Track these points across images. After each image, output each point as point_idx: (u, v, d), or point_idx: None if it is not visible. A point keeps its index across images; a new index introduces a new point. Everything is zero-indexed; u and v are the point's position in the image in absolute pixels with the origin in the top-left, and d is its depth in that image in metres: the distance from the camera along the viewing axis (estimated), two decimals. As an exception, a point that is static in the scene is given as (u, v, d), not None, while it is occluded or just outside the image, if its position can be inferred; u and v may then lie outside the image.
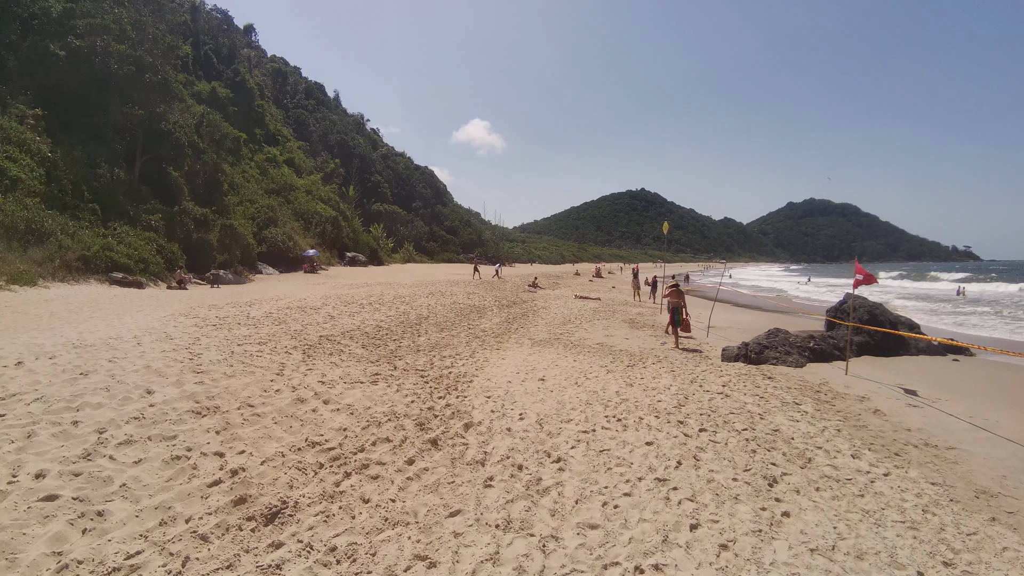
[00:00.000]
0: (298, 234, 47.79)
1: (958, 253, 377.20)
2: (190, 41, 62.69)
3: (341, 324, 13.59)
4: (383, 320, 14.92)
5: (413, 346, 11.20)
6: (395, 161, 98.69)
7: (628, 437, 5.84)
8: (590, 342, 13.22)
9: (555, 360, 10.42)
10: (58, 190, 25.59)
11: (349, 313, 15.93)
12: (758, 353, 10.48)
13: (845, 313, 13.50)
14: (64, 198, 25.71)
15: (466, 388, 7.49)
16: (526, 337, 13.70)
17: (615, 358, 10.88)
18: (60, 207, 24.88)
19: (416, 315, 16.48)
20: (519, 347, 12.14)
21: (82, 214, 26.11)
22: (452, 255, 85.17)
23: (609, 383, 8.32)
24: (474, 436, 5.67)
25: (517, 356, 10.82)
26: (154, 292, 21.69)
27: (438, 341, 12.14)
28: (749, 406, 7.33)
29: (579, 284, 40.16)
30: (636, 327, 16.40)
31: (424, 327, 14.28)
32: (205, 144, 39.26)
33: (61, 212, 24.65)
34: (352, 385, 7.15)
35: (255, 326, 12.31)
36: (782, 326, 18.49)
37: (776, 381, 8.97)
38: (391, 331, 13.09)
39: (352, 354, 9.58)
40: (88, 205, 26.81)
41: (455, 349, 11.26)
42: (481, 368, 9.28)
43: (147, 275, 25.03)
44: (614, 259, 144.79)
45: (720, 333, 16.30)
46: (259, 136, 62.79)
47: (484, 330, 14.52)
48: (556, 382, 8.30)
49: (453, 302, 20.45)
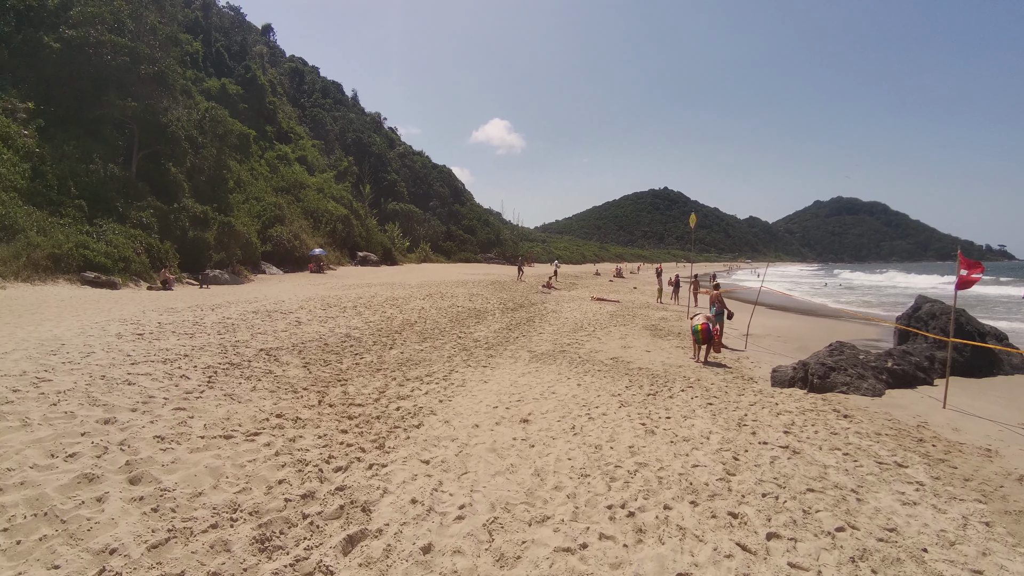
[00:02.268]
0: (306, 233, 46.02)
1: (992, 252, 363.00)
2: (200, 38, 61.62)
3: (302, 333, 11.34)
4: (358, 327, 12.65)
5: (375, 363, 8.87)
6: (412, 160, 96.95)
7: (646, 558, 3.36)
8: (603, 355, 10.74)
9: (553, 384, 7.99)
10: (43, 186, 24.21)
11: (323, 318, 13.71)
12: (823, 377, 7.89)
13: (921, 321, 10.80)
14: (49, 194, 24.32)
15: (403, 442, 5.02)
16: (525, 349, 11.28)
17: (632, 380, 8.40)
18: (43, 203, 23.44)
19: (401, 320, 14.19)
20: (513, 363, 9.73)
21: (66, 210, 24.69)
22: (469, 255, 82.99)
23: (620, 428, 5.84)
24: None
25: (506, 377, 8.42)
26: (128, 293, 19.78)
27: (412, 355, 9.79)
28: (833, 473, 4.80)
29: (598, 285, 37.55)
30: (659, 335, 13.86)
31: (404, 336, 11.96)
32: (209, 140, 37.70)
33: (43, 208, 23.19)
34: (210, 444, 4.63)
35: (193, 336, 10.14)
36: (829, 333, 15.79)
37: (857, 422, 6.40)
38: (359, 341, 10.79)
39: (278, 378, 7.27)
40: (74, 201, 25.39)
41: (429, 367, 8.90)
42: (449, 399, 6.89)
43: (127, 275, 23.31)
44: (636, 259, 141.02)
45: (759, 343, 13.69)
46: (270, 133, 61.36)
47: (477, 339, 12.14)
48: (545, 425, 5.85)
49: (451, 305, 18.11)
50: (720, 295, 13.43)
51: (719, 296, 13.38)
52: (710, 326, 10.85)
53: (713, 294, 13.49)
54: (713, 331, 11.52)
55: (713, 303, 13.37)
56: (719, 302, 13.27)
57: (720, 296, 13.41)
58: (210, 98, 48.64)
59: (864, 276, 79.33)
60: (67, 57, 28.82)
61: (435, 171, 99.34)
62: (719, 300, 13.32)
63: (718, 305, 13.25)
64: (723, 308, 13.30)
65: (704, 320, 10.71)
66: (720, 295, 13.43)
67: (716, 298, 13.30)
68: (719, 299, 13.33)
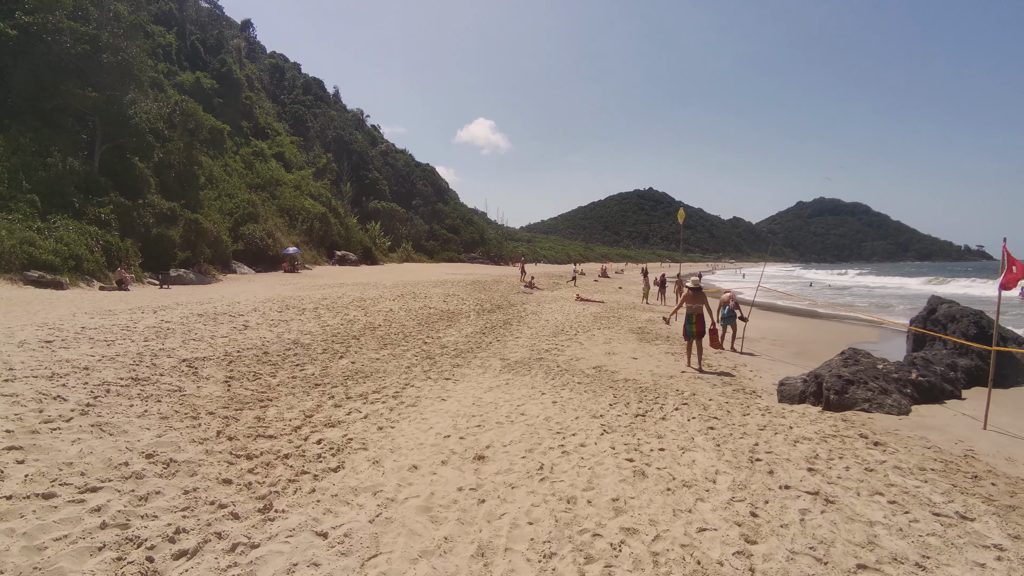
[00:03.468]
0: (280, 231, 44.32)
1: (970, 252, 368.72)
2: (175, 30, 59.57)
3: (243, 339, 9.94)
4: (311, 332, 11.27)
5: (315, 377, 7.52)
6: (395, 158, 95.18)
7: None
8: (584, 364, 9.48)
9: (524, 401, 6.71)
10: (-11, 180, 22.57)
11: (275, 322, 12.31)
12: (840, 392, 6.68)
13: (939, 324, 9.69)
14: (-2, 188, 22.69)
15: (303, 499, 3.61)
16: (498, 356, 9.99)
17: (617, 395, 7.15)
18: (-10, 199, 21.87)
19: (364, 324, 12.82)
20: (482, 374, 8.44)
21: (16, 205, 23.14)
22: (453, 254, 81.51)
23: (602, 467, 4.53)
24: None
25: (469, 393, 7.13)
26: (73, 294, 18.17)
27: (364, 366, 8.45)
28: (884, 534, 3.56)
29: (582, 285, 36.34)
30: (647, 340, 12.65)
31: (362, 341, 10.61)
32: (178, 134, 35.93)
33: (-11, 204, 21.63)
34: (13, 510, 3.20)
35: (112, 343, 8.71)
36: (827, 336, 14.66)
37: (892, 451, 5.18)
38: (307, 349, 9.43)
39: (184, 399, 5.90)
40: (26, 196, 23.78)
41: (380, 380, 7.57)
42: (392, 424, 5.58)
43: (78, 274, 21.71)
44: (621, 259, 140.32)
45: (754, 346, 12.51)
46: (246, 129, 59.42)
47: (444, 346, 10.82)
48: (505, 464, 4.52)
49: (423, 306, 16.74)
50: (732, 296, 12.56)
51: (732, 297, 12.52)
52: (705, 317, 9.81)
53: (724, 296, 12.69)
54: (711, 329, 10.48)
55: (724, 305, 12.50)
56: (732, 303, 12.39)
57: (732, 297, 12.53)
58: (183, 92, 46.62)
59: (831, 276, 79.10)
60: (23, 45, 27.15)
61: (418, 169, 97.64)
62: (732, 301, 12.42)
63: (731, 306, 12.39)
64: (735, 310, 12.41)
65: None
66: (732, 296, 12.56)
67: (728, 299, 12.46)
68: (732, 300, 12.45)
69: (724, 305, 12.47)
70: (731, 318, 12.29)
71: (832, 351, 12.78)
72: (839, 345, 13.54)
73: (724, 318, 12.29)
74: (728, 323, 12.33)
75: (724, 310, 12.36)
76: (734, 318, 12.31)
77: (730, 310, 12.32)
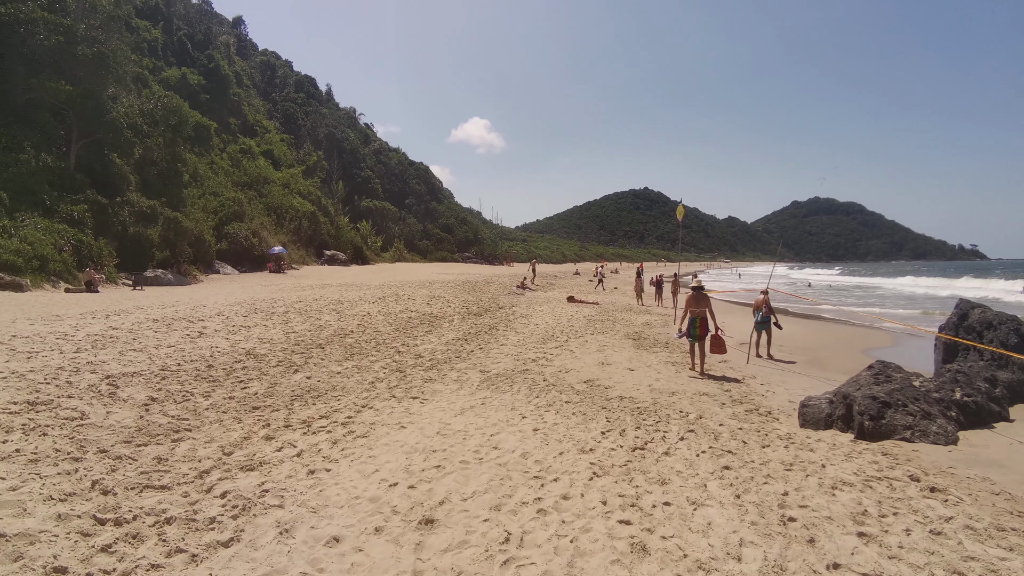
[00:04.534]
0: (267, 230, 43.01)
1: (964, 252, 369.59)
2: (161, 25, 58.24)
3: (190, 349, 8.81)
4: (273, 339, 10.14)
5: (257, 397, 6.40)
6: (388, 156, 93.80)
7: None
8: (574, 377, 8.38)
9: (500, 428, 5.62)
10: (-46, 177, 21.38)
11: (235, 328, 11.18)
12: (876, 417, 5.60)
13: (973, 331, 8.64)
14: (-37, 185, 21.51)
15: None
16: (478, 368, 8.88)
17: (611, 420, 6.06)
18: (-46, 196, 20.67)
19: (335, 330, 11.70)
20: (456, 390, 7.34)
21: (-19, 203, 21.89)
22: (447, 254, 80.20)
23: (591, 535, 3.39)
24: None
25: (436, 416, 6.03)
26: (32, 297, 17.01)
27: (320, 382, 7.33)
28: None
29: (577, 285, 35.25)
30: (643, 347, 11.56)
31: (327, 351, 9.49)
32: (160, 130, 34.62)
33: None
34: None
35: (33, 356, 7.56)
36: (837, 340, 13.56)
37: (954, 502, 4.10)
38: (260, 361, 8.30)
39: (78, 429, 4.76)
40: (-8, 193, 22.53)
41: (334, 400, 6.47)
42: (331, 464, 4.47)
43: (44, 275, 20.51)
44: (617, 258, 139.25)
45: (750, 349, 11.41)
46: (234, 126, 58.11)
47: (420, 355, 9.72)
48: (460, 534, 3.37)
49: (404, 309, 15.61)
50: (767, 300, 11.46)
51: (766, 301, 11.43)
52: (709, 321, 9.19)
53: (759, 299, 11.60)
54: (714, 335, 9.45)
55: (758, 309, 11.51)
56: (766, 307, 11.38)
57: (767, 301, 11.44)
58: (169, 88, 45.28)
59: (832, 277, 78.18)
60: (-5, 36, 25.95)
61: (412, 168, 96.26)
62: (766, 306, 11.39)
63: (764, 311, 11.41)
64: (770, 315, 11.47)
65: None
66: (767, 300, 11.46)
67: (761, 303, 11.42)
68: (766, 304, 11.40)
69: (758, 309, 11.50)
70: (766, 323, 11.41)
71: (844, 358, 11.82)
72: (850, 351, 12.59)
73: (758, 324, 11.40)
74: (763, 328, 11.43)
75: (758, 315, 11.43)
76: (769, 323, 11.42)
77: (764, 316, 11.39)
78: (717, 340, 9.71)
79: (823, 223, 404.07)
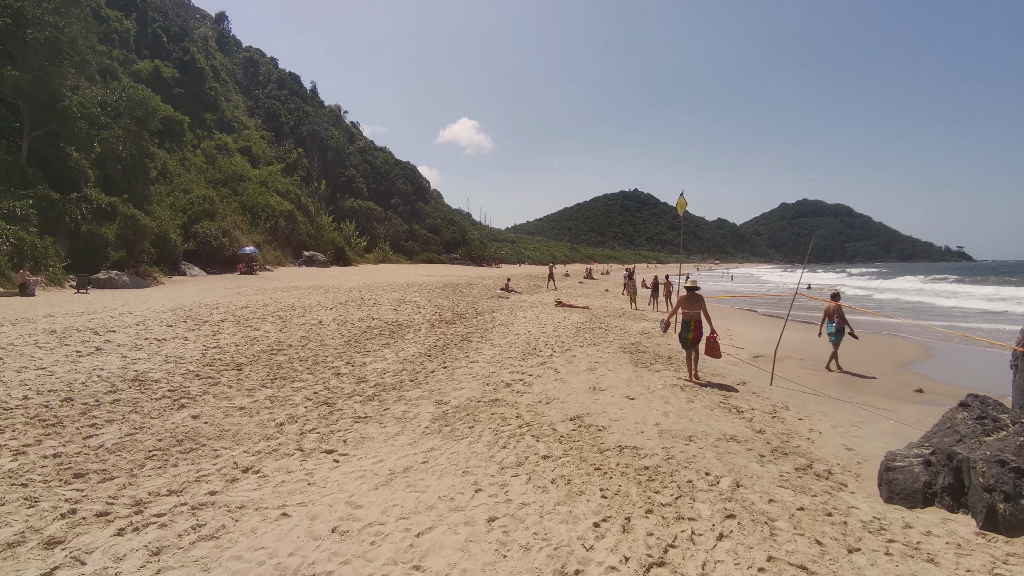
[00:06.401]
0: (240, 229, 40.66)
1: (951, 253, 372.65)
2: (135, 16, 55.74)
3: (63, 374, 6.80)
4: (181, 358, 8.11)
5: (96, 453, 4.43)
6: (373, 155, 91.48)
7: None
8: (558, 411, 6.42)
9: (438, 515, 3.72)
10: None
11: (148, 342, 9.14)
12: (1013, 495, 3.69)
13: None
14: None
15: None
16: (434, 397, 6.91)
17: (609, 490, 4.15)
18: None
19: (270, 343, 9.67)
20: (396, 434, 5.38)
21: (-91, 198, 19.68)
22: (433, 255, 77.93)
23: None
24: None
25: (351, 486, 4.10)
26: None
27: (210, 423, 5.35)
28: None
29: (567, 287, 33.30)
30: (643, 363, 9.62)
31: (245, 373, 7.48)
32: (124, 122, 32.24)
33: None
34: None
35: None
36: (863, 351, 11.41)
37: None
38: (146, 390, 6.29)
39: None
40: (-75, 188, 20.34)
41: (213, 457, 4.52)
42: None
43: (-29, 276, 18.35)
44: (607, 260, 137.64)
45: (784, 370, 9.47)
46: (210, 122, 55.66)
47: (364, 378, 7.73)
48: None
49: (364, 316, 13.58)
50: (839, 307, 9.95)
51: (837, 308, 9.95)
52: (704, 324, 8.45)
53: (831, 305, 10.10)
54: (710, 337, 8.50)
55: (830, 317, 10.04)
56: (838, 316, 9.92)
57: (839, 308, 9.94)
58: (140, 80, 42.83)
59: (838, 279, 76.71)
60: (-63, 19, 23.71)
61: (398, 167, 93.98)
62: (837, 314, 9.92)
63: (837, 320, 9.92)
64: (843, 324, 9.97)
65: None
66: (839, 307, 9.95)
67: (833, 311, 9.98)
68: (837, 312, 9.93)
69: (830, 319, 10.02)
70: (839, 334, 9.96)
71: (883, 374, 9.83)
72: (886, 365, 10.56)
73: (832, 334, 9.98)
74: (837, 339, 9.98)
75: (830, 325, 10.01)
76: (843, 334, 9.96)
77: (838, 326, 9.93)
78: (712, 343, 8.55)
79: (811, 225, 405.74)
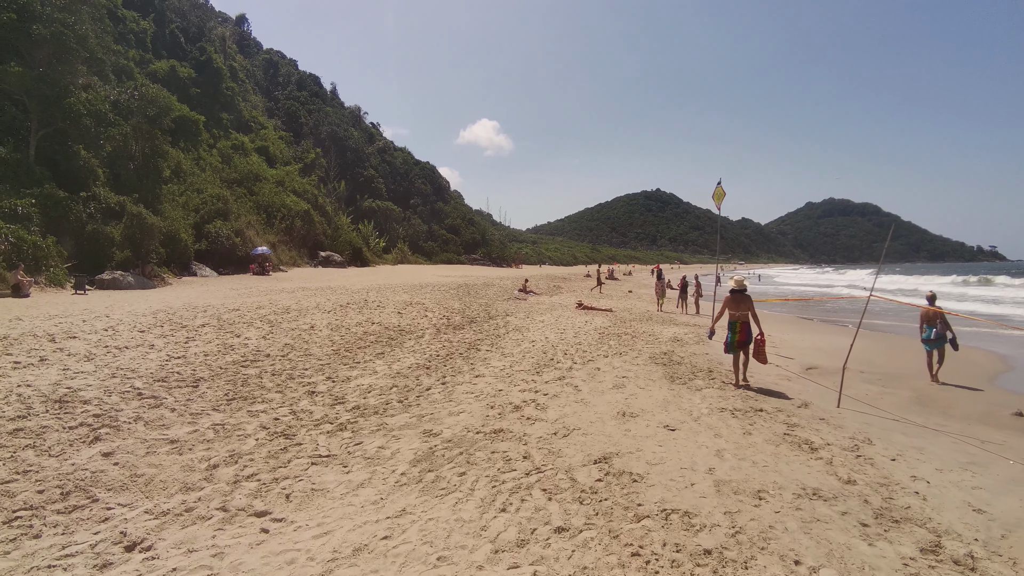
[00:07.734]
0: (255, 229, 39.91)
1: (983, 253, 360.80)
2: (152, 17, 55.79)
3: None
4: (135, 371, 6.83)
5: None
6: (392, 156, 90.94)
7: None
8: (578, 449, 4.96)
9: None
10: None
11: (109, 349, 7.92)
12: None
13: None
14: None
15: None
16: (421, 426, 5.50)
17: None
18: None
19: (247, 352, 8.38)
20: (361, 484, 4.00)
21: (-90, 196, 19.09)
22: (452, 255, 76.91)
23: None
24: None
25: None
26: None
27: (120, 463, 4.02)
28: None
29: (587, 289, 31.71)
30: (680, 378, 8.10)
31: (200, 392, 6.17)
32: (135, 121, 31.65)
33: None
34: None
35: None
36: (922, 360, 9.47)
37: None
38: (65, 415, 4.99)
39: None
40: (-71, 186, 19.78)
41: (93, 525, 3.17)
42: None
43: (-34, 276, 17.60)
44: (629, 260, 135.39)
45: (853, 388, 7.81)
46: (227, 121, 55.27)
47: (343, 397, 6.37)
48: None
49: (362, 321, 12.24)
50: (940, 313, 8.68)
51: (939, 313, 8.70)
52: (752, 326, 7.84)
53: (929, 310, 8.88)
54: (758, 339, 7.78)
55: (930, 323, 8.78)
56: (941, 322, 8.67)
57: (941, 314, 8.67)
58: (156, 80, 42.45)
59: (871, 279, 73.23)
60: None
61: (417, 168, 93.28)
62: (940, 318, 8.67)
63: (939, 326, 8.66)
64: (946, 330, 8.68)
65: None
66: (940, 313, 8.68)
67: (934, 315, 8.76)
68: (940, 317, 8.68)
69: (930, 324, 8.80)
70: (941, 341, 8.73)
71: (962, 391, 8.15)
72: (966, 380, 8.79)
73: (930, 341, 8.78)
74: (937, 347, 8.79)
75: (929, 331, 8.78)
76: (945, 341, 8.72)
77: (939, 333, 8.68)
78: (759, 346, 7.89)
79: (838, 224, 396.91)
